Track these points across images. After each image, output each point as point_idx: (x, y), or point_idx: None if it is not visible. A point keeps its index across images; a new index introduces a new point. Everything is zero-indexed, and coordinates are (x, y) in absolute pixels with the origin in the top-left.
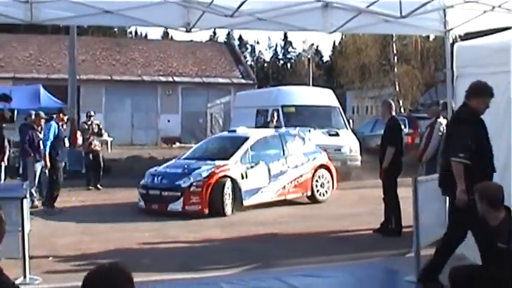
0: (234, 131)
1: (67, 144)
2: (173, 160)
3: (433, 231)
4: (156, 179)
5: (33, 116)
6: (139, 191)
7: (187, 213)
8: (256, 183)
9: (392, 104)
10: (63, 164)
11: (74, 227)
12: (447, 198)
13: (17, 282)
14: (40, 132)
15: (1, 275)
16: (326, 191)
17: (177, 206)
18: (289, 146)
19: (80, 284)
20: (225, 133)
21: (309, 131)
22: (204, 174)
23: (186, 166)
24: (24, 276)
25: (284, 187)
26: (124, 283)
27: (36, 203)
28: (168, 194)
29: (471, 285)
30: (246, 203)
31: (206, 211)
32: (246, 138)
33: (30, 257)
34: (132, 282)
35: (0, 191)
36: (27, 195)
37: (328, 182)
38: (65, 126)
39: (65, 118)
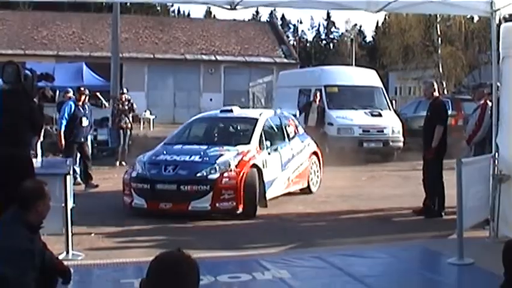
0: (230, 110)
1: (85, 123)
2: (159, 145)
3: (476, 213)
4: (165, 169)
5: (69, 94)
6: (133, 185)
7: (218, 212)
8: (273, 174)
9: (435, 84)
10: (79, 143)
11: (116, 204)
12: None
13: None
14: (83, 109)
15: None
16: (317, 180)
17: (204, 203)
18: (288, 129)
19: (122, 260)
20: (217, 112)
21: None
22: (233, 163)
23: (202, 152)
24: (67, 252)
25: (289, 178)
26: (190, 270)
27: (79, 179)
28: (191, 188)
29: None
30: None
31: (240, 209)
32: (255, 120)
33: (73, 233)
34: (198, 270)
35: (43, 167)
36: (70, 172)
37: (318, 170)
38: (107, 104)
39: (83, 97)
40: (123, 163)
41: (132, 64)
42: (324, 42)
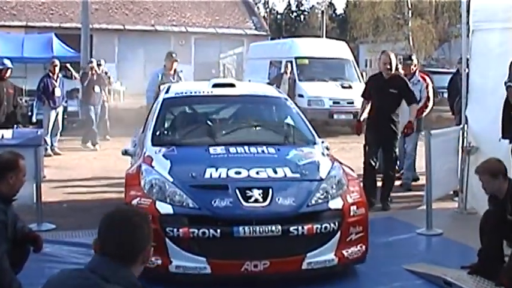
0: (230, 85)
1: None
2: (152, 149)
3: (444, 185)
4: (245, 196)
5: (92, 64)
6: (168, 233)
7: (345, 265)
8: None
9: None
10: None
11: (88, 175)
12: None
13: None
14: (56, 80)
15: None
16: None
17: (327, 254)
18: None
19: (94, 230)
20: (202, 89)
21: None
22: (342, 178)
23: (286, 160)
24: (39, 223)
25: None
26: (142, 223)
27: (49, 151)
28: (309, 229)
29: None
30: None
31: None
32: (285, 100)
33: (44, 204)
34: (149, 224)
35: (15, 138)
36: (42, 143)
37: None
38: (77, 75)
39: (175, 64)
40: (107, 137)
41: (103, 35)
42: (295, 14)
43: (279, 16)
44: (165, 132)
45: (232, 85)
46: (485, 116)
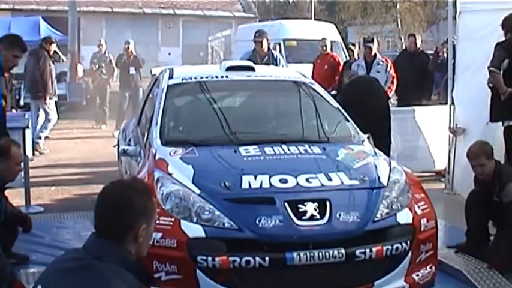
0: (248, 68)
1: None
2: (163, 149)
3: (425, 160)
4: (298, 213)
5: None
6: (201, 262)
7: None
8: None
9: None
10: None
11: (75, 158)
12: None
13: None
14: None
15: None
16: None
17: (396, 280)
18: None
19: (82, 212)
20: (214, 72)
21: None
22: (406, 183)
23: (332, 162)
24: (27, 205)
25: None
26: (131, 196)
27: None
28: (378, 252)
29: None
30: None
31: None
32: (312, 84)
33: (32, 187)
34: (149, 193)
35: None
36: (29, 125)
37: None
38: (64, 58)
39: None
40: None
41: (90, 18)
42: None
43: None
44: (177, 127)
45: (250, 68)
46: (471, 97)
